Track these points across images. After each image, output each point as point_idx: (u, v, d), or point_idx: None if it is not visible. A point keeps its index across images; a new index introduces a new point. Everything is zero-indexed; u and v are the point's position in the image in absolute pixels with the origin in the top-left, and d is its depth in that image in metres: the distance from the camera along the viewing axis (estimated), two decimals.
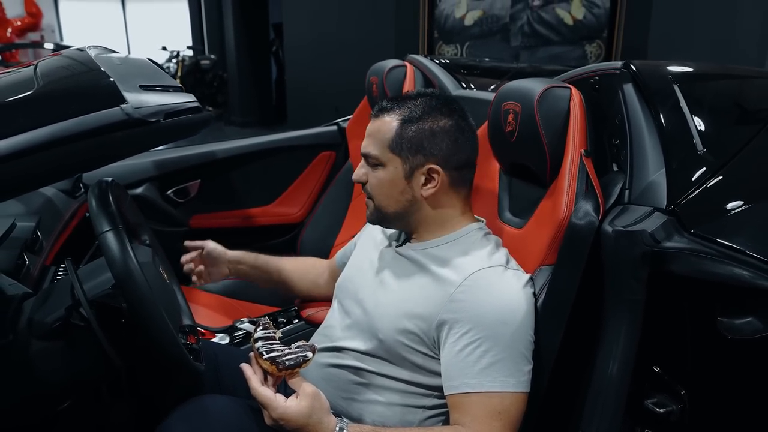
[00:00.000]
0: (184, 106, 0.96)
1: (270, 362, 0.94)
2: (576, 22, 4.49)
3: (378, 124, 1.07)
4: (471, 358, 0.96)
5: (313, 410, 0.92)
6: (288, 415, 0.90)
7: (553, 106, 1.11)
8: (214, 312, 1.77)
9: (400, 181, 1.06)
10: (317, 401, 0.93)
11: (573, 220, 1.02)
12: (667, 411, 0.93)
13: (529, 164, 1.20)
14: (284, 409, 0.91)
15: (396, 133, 1.04)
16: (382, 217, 1.10)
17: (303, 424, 0.91)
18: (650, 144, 1.04)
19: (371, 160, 1.07)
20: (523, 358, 0.98)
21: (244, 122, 7.48)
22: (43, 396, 0.98)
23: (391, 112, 1.07)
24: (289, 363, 0.94)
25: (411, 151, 1.04)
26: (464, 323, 0.97)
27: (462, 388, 0.96)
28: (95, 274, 0.98)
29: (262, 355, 0.95)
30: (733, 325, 0.86)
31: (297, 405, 0.91)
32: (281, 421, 0.91)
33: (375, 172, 1.07)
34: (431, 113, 1.06)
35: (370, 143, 1.07)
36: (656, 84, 1.10)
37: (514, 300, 0.99)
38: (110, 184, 1.01)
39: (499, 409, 0.94)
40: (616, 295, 0.96)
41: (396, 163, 1.05)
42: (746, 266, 0.83)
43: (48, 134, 0.78)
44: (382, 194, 1.07)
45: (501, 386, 0.95)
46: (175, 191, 2.05)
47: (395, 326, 1.03)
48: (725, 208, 0.96)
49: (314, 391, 0.93)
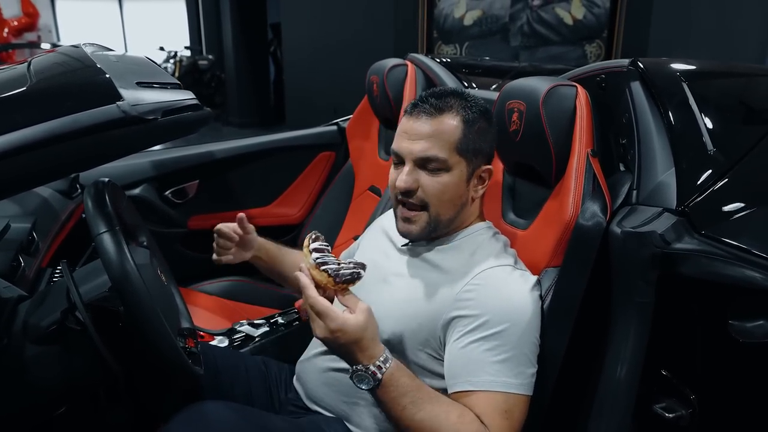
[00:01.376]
0: (182, 104, 0.93)
1: (327, 274, 0.89)
2: (576, 21, 4.48)
3: (436, 124, 0.99)
4: (476, 355, 0.94)
5: (369, 325, 0.88)
6: (347, 326, 0.86)
7: (559, 104, 1.10)
8: (212, 314, 1.75)
9: (462, 185, 1.02)
10: (372, 318, 0.90)
11: (580, 221, 1.00)
12: (677, 416, 0.91)
13: (533, 164, 1.18)
14: (344, 320, 0.87)
15: (463, 134, 1.00)
16: (436, 227, 1.03)
17: (359, 338, 0.87)
18: (659, 143, 1.02)
19: (434, 164, 0.99)
20: (528, 361, 0.96)
21: (242, 123, 7.45)
22: (38, 401, 0.96)
23: (449, 112, 1.00)
24: (345, 278, 0.89)
25: (474, 153, 1.01)
26: (471, 320, 0.95)
27: (466, 386, 0.94)
28: (91, 276, 0.96)
29: (319, 267, 0.90)
30: (744, 328, 0.84)
31: (355, 318, 0.88)
32: (338, 333, 0.87)
33: (437, 177, 0.99)
34: (477, 112, 1.03)
35: (434, 145, 0.98)
36: (664, 82, 1.08)
37: (523, 301, 0.97)
38: (107, 184, 0.99)
39: (505, 408, 0.92)
40: (624, 297, 0.94)
41: (462, 167, 1.01)
42: (758, 268, 0.81)
43: (41, 132, 0.75)
44: (443, 201, 1.01)
45: (505, 387, 0.93)
46: (173, 192, 2.03)
47: (401, 326, 1.02)
48: (737, 209, 0.94)
49: (369, 308, 0.90)
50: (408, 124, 1.02)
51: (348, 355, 0.89)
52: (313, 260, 0.91)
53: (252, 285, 1.92)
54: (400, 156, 1.02)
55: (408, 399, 0.89)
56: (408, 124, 1.02)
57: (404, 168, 1.01)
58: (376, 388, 0.89)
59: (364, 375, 0.89)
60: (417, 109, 1.02)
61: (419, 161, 1.00)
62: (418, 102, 1.04)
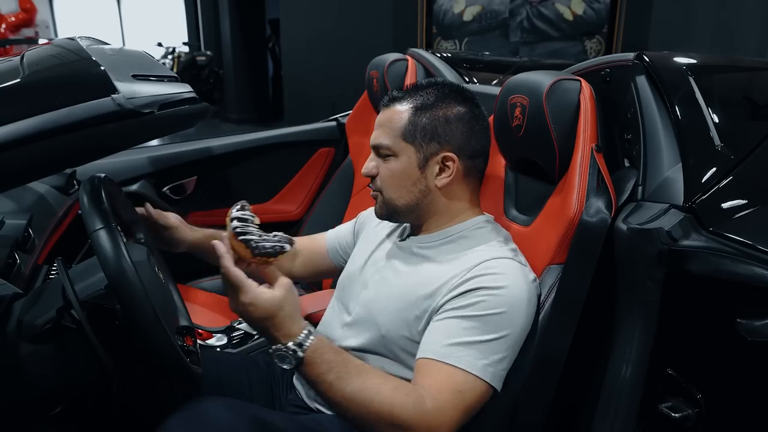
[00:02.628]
0: (179, 97, 0.92)
1: (245, 245, 0.85)
2: (576, 17, 4.45)
3: (389, 113, 1.04)
4: (453, 330, 0.93)
5: (285, 302, 0.85)
6: (259, 301, 0.84)
7: (563, 99, 1.08)
8: (211, 312, 1.73)
9: (413, 171, 1.02)
10: (291, 295, 0.87)
11: (584, 218, 0.98)
12: (683, 416, 0.90)
13: (536, 160, 1.16)
14: (257, 294, 0.84)
15: (408, 121, 1.02)
16: (392, 210, 1.06)
17: (272, 314, 0.84)
18: (665, 138, 1.00)
19: (383, 151, 1.03)
20: (504, 352, 0.94)
21: (240, 119, 7.42)
22: (33, 401, 0.94)
23: (403, 101, 1.04)
24: (265, 250, 0.85)
25: (425, 138, 1.01)
26: (460, 301, 0.94)
27: (429, 354, 0.92)
28: (87, 273, 0.94)
29: (237, 236, 0.86)
30: (752, 327, 0.82)
31: (271, 293, 0.85)
32: (250, 307, 0.84)
33: (386, 164, 1.03)
34: (445, 100, 1.03)
35: (381, 133, 1.04)
36: (671, 76, 1.06)
37: (519, 294, 0.95)
38: (103, 180, 0.97)
39: (461, 388, 0.90)
40: (630, 295, 0.92)
41: (409, 152, 1.02)
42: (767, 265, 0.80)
43: (33, 126, 0.73)
44: (393, 186, 1.03)
45: (469, 366, 0.91)
46: (171, 188, 2.01)
47: (398, 319, 1.01)
48: (745, 205, 0.92)
49: (289, 283, 0.87)
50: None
51: (264, 331, 0.86)
52: (232, 229, 0.87)
53: None
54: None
55: (333, 375, 0.85)
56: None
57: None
58: (299, 366, 0.86)
59: (284, 354, 0.85)
60: (384, 101, 1.07)
61: (374, 149, 1.05)
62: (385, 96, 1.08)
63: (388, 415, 0.85)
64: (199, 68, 7.80)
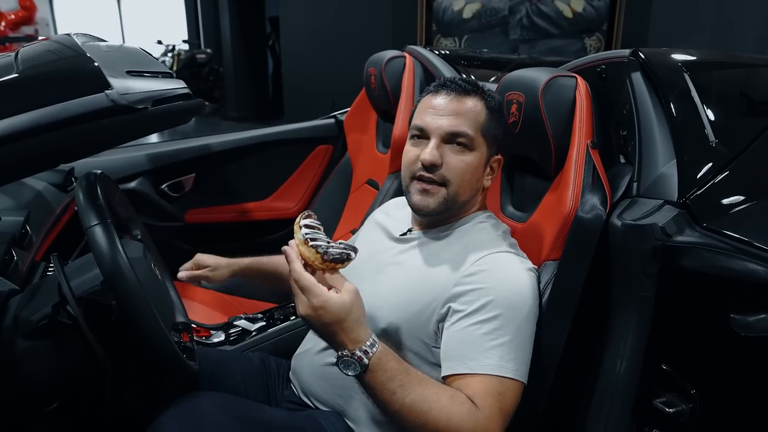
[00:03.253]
0: (173, 93, 0.92)
1: (315, 251, 0.86)
2: (575, 14, 4.45)
3: (465, 104, 1.01)
4: (474, 338, 0.92)
5: (354, 307, 0.85)
6: (330, 305, 0.83)
7: (559, 95, 1.08)
8: (209, 308, 1.73)
9: (480, 168, 1.03)
10: (359, 300, 0.86)
11: (579, 214, 0.99)
12: (677, 411, 0.90)
13: (532, 156, 1.16)
14: (327, 298, 0.83)
15: (488, 117, 1.02)
16: (452, 205, 1.02)
17: (341, 319, 0.84)
18: (660, 135, 1.00)
19: (462, 140, 0.99)
20: (525, 347, 0.94)
21: (240, 117, 7.42)
22: (30, 397, 0.94)
23: (475, 95, 1.03)
24: (334, 256, 0.86)
25: (493, 139, 1.03)
26: (471, 304, 0.94)
27: (461, 369, 0.92)
28: (83, 270, 0.94)
29: (307, 242, 0.87)
30: (746, 322, 0.83)
31: (340, 297, 0.84)
32: (320, 311, 0.83)
33: (461, 155, 1.00)
34: (497, 104, 1.05)
35: (462, 122, 0.99)
36: (666, 73, 1.06)
37: (524, 287, 0.96)
38: (99, 176, 0.98)
39: (500, 390, 0.90)
40: (624, 291, 0.93)
41: (483, 149, 1.02)
42: (761, 261, 0.80)
43: (27, 121, 0.73)
44: (464, 179, 1.00)
45: (500, 370, 0.91)
46: (169, 185, 2.01)
47: (398, 314, 1.00)
48: (739, 202, 0.92)
49: (356, 289, 0.87)
50: (434, 101, 1.03)
51: (331, 336, 0.85)
52: (303, 236, 0.88)
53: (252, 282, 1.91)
54: (425, 131, 1.02)
55: (396, 383, 0.86)
56: (434, 100, 1.03)
57: (430, 142, 1.00)
58: (363, 373, 0.85)
59: (350, 360, 0.85)
60: (444, 89, 1.03)
61: (447, 136, 1.00)
62: (446, 82, 1.04)
63: (445, 424, 0.85)
64: (199, 66, 7.80)
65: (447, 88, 1.03)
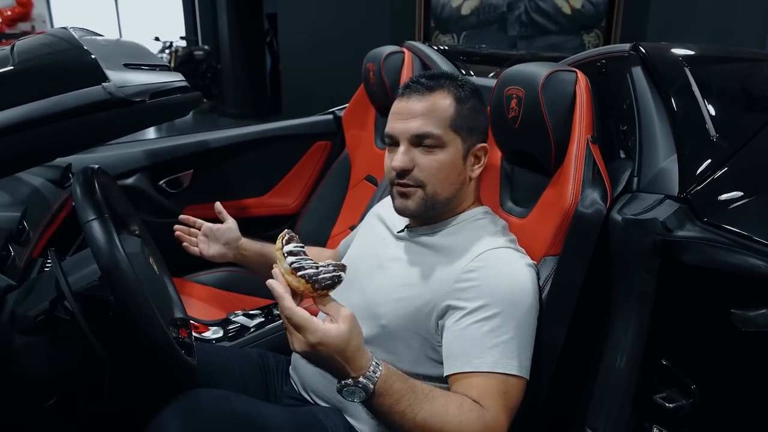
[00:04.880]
0: (171, 86, 0.91)
1: (305, 280, 0.79)
2: (574, 11, 4.45)
3: (428, 102, 1.00)
4: (477, 337, 0.92)
5: (352, 335, 0.79)
6: (328, 339, 0.77)
7: (559, 90, 1.08)
8: (207, 305, 1.73)
9: (458, 163, 1.02)
10: (356, 326, 0.81)
11: (579, 209, 0.98)
12: (677, 406, 0.90)
13: (532, 151, 1.16)
14: (325, 332, 0.77)
15: (456, 111, 1.01)
16: (433, 205, 1.02)
17: (341, 350, 0.78)
18: (660, 129, 1.00)
19: (429, 141, 0.99)
20: (527, 344, 0.95)
21: (238, 114, 7.41)
22: (27, 392, 0.94)
23: (441, 90, 1.01)
24: (326, 282, 0.80)
25: (468, 130, 1.02)
26: (471, 303, 0.94)
27: (465, 367, 0.91)
28: (81, 265, 0.94)
29: (295, 272, 0.80)
30: (746, 317, 0.82)
31: (337, 328, 0.78)
32: (319, 347, 0.77)
33: (432, 155, 0.99)
34: (470, 91, 1.05)
35: (428, 122, 0.99)
36: (666, 67, 1.06)
37: (524, 283, 0.96)
38: (96, 171, 0.97)
39: (504, 389, 0.90)
40: (625, 285, 0.92)
41: (457, 144, 1.01)
42: (762, 256, 0.80)
43: (23, 114, 0.73)
44: (440, 179, 1.00)
45: (506, 367, 0.91)
46: (167, 181, 2.00)
47: (397, 311, 1.00)
48: (740, 196, 0.92)
49: (352, 314, 0.81)
50: (400, 105, 1.03)
51: (333, 368, 0.81)
52: (288, 265, 0.81)
53: (248, 275, 1.90)
54: (394, 137, 1.02)
55: (405, 404, 0.83)
56: (400, 104, 1.03)
57: (399, 149, 1.00)
58: (369, 399, 0.81)
59: (354, 389, 0.81)
60: (408, 90, 1.03)
61: (414, 139, 1.00)
62: (409, 83, 1.04)
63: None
64: (197, 63, 7.78)
65: (411, 90, 1.02)
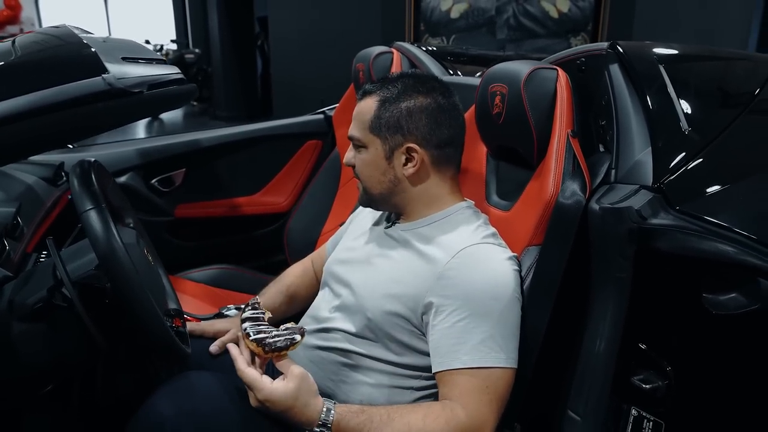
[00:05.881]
0: (168, 78, 0.94)
1: (257, 344, 0.93)
2: (561, 15, 4.51)
3: (361, 106, 1.10)
4: (461, 335, 0.96)
5: (300, 392, 0.90)
6: (274, 397, 0.89)
7: (540, 87, 1.12)
8: (200, 301, 1.75)
9: (381, 162, 1.07)
10: (305, 383, 0.92)
11: (560, 200, 1.02)
12: (653, 387, 0.93)
13: (516, 146, 1.20)
14: (270, 391, 0.89)
15: (375, 114, 1.06)
16: (370, 198, 1.12)
17: (289, 407, 0.89)
18: (636, 124, 1.04)
19: (355, 142, 1.10)
20: (512, 334, 0.98)
21: (229, 117, 7.41)
22: (25, 379, 0.96)
23: (373, 94, 1.09)
24: (277, 345, 0.92)
25: (390, 131, 1.06)
26: (454, 300, 0.97)
27: (452, 365, 0.96)
28: (78, 254, 0.96)
29: (249, 336, 0.94)
30: (717, 300, 0.86)
31: (284, 387, 0.90)
32: (267, 403, 0.90)
33: (360, 154, 1.09)
34: (408, 92, 1.07)
35: (354, 126, 1.10)
36: (642, 65, 1.10)
37: (504, 276, 0.99)
38: (93, 164, 0.99)
39: (488, 383, 0.94)
40: (603, 272, 0.96)
41: (376, 144, 1.07)
42: (731, 242, 0.83)
43: (24, 104, 0.75)
44: (366, 175, 1.10)
45: (491, 361, 0.95)
46: (159, 180, 2.02)
47: (383, 305, 1.03)
48: (710, 186, 0.96)
49: (302, 372, 0.92)
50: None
51: (289, 419, 0.91)
52: (243, 330, 0.96)
53: (239, 272, 1.93)
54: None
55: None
56: None
57: None
58: None
59: None
60: (359, 94, 1.12)
61: (350, 140, 1.11)
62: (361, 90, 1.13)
63: None
64: (188, 66, 7.77)
65: (358, 96, 1.12)
